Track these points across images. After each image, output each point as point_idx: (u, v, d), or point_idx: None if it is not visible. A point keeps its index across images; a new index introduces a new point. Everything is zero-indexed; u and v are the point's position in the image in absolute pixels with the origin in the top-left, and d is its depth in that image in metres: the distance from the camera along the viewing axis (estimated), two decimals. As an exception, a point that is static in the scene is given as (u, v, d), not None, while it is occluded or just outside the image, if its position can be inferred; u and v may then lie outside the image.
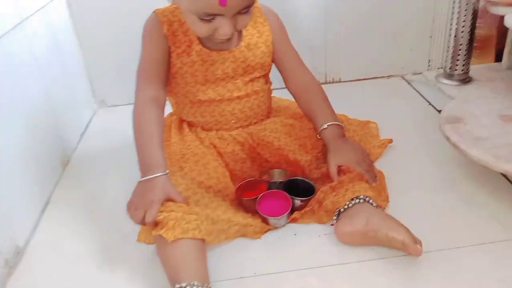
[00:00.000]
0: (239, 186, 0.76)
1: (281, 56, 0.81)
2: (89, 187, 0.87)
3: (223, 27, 0.66)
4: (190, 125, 0.82)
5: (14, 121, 0.75)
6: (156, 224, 0.62)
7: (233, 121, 0.80)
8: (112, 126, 1.09)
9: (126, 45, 1.08)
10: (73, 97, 1.04)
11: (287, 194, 0.74)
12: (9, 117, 0.74)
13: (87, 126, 1.10)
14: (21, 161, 0.76)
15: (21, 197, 0.75)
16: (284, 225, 0.72)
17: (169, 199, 0.64)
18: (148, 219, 0.61)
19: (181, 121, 0.83)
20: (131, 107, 0.75)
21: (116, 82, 1.15)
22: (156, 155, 0.68)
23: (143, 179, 0.66)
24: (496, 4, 0.92)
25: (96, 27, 1.09)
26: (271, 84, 0.84)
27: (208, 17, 0.66)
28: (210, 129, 0.80)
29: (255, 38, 0.78)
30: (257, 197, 0.73)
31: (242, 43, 0.77)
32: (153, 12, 0.76)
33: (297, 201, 0.73)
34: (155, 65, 0.75)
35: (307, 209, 0.72)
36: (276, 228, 0.71)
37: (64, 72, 1.00)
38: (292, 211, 0.73)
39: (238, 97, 0.79)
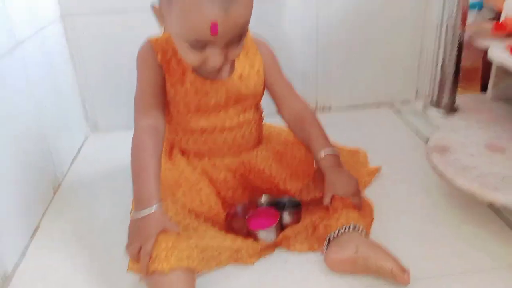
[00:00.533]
0: (228, 213, 0.77)
1: (273, 85, 0.82)
2: (79, 212, 0.86)
3: (213, 58, 0.66)
4: (182, 151, 0.82)
5: (4, 145, 0.75)
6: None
7: (225, 149, 0.80)
8: (104, 151, 1.09)
9: (120, 70, 1.11)
10: (66, 121, 1.05)
11: (274, 210, 0.75)
12: (0, 140, 0.73)
13: (79, 150, 1.10)
14: (11, 185, 0.76)
15: (10, 221, 0.74)
16: (274, 240, 0.72)
17: (164, 231, 0.62)
18: (144, 252, 0.59)
19: (172, 146, 0.84)
20: (123, 132, 0.75)
21: (109, 107, 1.16)
22: (151, 187, 0.65)
23: (137, 215, 0.63)
24: (480, 36, 0.96)
25: (91, 52, 1.10)
26: (262, 113, 0.85)
27: (199, 45, 0.65)
28: (202, 156, 0.81)
29: (248, 68, 0.78)
30: (246, 217, 0.74)
31: (235, 74, 0.77)
32: (147, 41, 0.77)
33: (286, 215, 0.75)
34: (152, 94, 0.75)
35: (300, 227, 0.73)
36: (266, 243, 0.71)
37: (57, 96, 1.01)
38: (282, 228, 0.74)
39: (230, 127, 0.79)
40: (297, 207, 0.78)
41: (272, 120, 0.88)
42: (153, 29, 0.77)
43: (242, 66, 0.78)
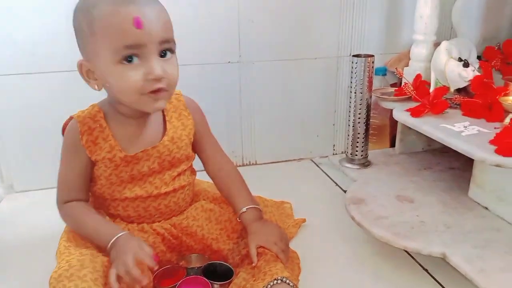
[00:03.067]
0: (156, 274, 0.74)
1: (202, 143, 0.84)
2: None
3: (153, 66, 0.65)
4: (109, 215, 0.79)
5: None
6: None
7: (156, 216, 0.79)
8: (21, 212, 1.03)
9: (36, 130, 1.07)
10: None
11: (205, 280, 0.73)
12: None
13: (-6, 212, 1.03)
14: None
15: None
16: None
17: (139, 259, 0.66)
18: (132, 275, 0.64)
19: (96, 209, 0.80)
20: (41, 192, 0.73)
21: (25, 167, 1.10)
22: (110, 227, 0.73)
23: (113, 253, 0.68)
24: (384, 99, 1.07)
25: (5, 112, 1.06)
26: (195, 175, 0.86)
27: (132, 52, 0.64)
28: (131, 222, 0.79)
29: (179, 131, 0.79)
30: (175, 285, 0.72)
31: (165, 138, 0.77)
32: (73, 118, 0.74)
33: (216, 286, 0.73)
34: (74, 178, 0.75)
35: None
36: None
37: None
38: None
39: (166, 193, 0.78)
40: (228, 275, 0.76)
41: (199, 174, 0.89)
42: (71, 89, 0.76)
43: (174, 128, 0.79)
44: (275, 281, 0.69)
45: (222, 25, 1.12)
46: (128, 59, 0.65)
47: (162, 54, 0.68)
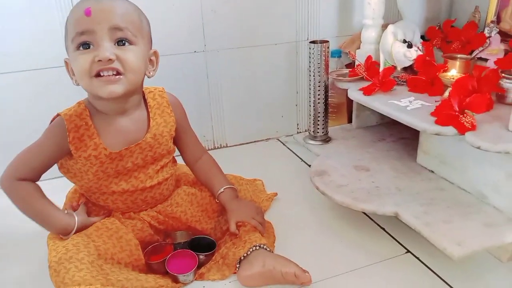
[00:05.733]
0: (146, 251, 0.80)
1: (182, 137, 0.89)
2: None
3: (99, 50, 0.69)
4: (98, 207, 0.84)
5: None
6: None
7: (143, 206, 0.85)
8: (5, 208, 1.01)
9: (24, 126, 1.10)
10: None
11: (192, 252, 0.81)
12: None
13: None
14: None
15: None
16: (192, 281, 0.78)
17: None
18: None
19: (85, 200, 0.85)
20: None
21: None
22: (60, 216, 0.78)
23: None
24: (340, 80, 1.16)
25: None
26: (176, 164, 0.91)
27: (83, 39, 0.70)
28: (119, 211, 0.84)
29: (161, 127, 0.82)
30: (165, 259, 0.79)
31: (148, 135, 0.80)
32: (59, 116, 0.77)
33: (202, 257, 0.81)
34: (41, 159, 0.77)
35: (212, 263, 0.80)
36: (185, 284, 0.78)
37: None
38: (198, 266, 0.80)
39: (151, 187, 0.83)
40: (211, 247, 0.83)
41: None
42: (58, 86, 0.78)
43: (156, 124, 0.82)
44: (254, 248, 0.78)
45: (186, 17, 1.18)
46: (84, 46, 0.71)
47: (120, 43, 0.72)
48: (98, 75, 0.71)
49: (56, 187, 0.85)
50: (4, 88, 1.08)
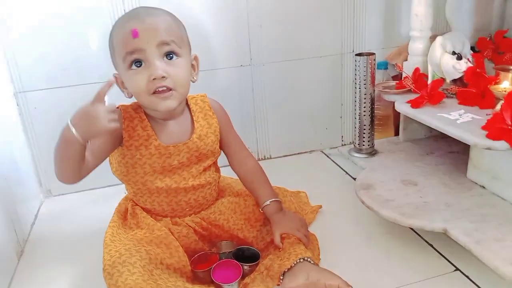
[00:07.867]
0: (192, 260, 0.83)
1: (227, 141, 0.92)
2: (45, 275, 0.90)
3: (153, 67, 0.74)
4: (146, 211, 0.87)
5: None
6: None
7: (187, 209, 0.88)
8: (60, 214, 1.13)
9: None
10: (22, 190, 1.08)
11: (237, 262, 0.82)
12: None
13: (36, 216, 1.13)
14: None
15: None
16: None
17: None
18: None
19: (134, 205, 0.88)
20: (77, 195, 0.78)
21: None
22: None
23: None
24: (387, 93, 1.14)
25: (42, 123, 1.15)
26: (220, 173, 0.94)
27: (135, 58, 0.74)
28: (165, 216, 0.87)
29: (205, 129, 0.87)
30: (210, 268, 0.81)
31: (194, 135, 0.85)
32: (117, 107, 0.83)
33: (246, 267, 0.82)
34: (98, 144, 0.79)
35: (256, 273, 0.81)
36: None
37: (14, 167, 1.05)
38: (243, 277, 0.81)
39: (193, 187, 0.86)
40: (256, 257, 0.84)
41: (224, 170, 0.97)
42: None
43: (200, 126, 0.87)
44: (299, 260, 0.78)
45: (233, 32, 1.21)
46: (136, 64, 0.76)
47: (168, 58, 0.77)
48: (154, 92, 0.77)
49: (108, 195, 0.90)
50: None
